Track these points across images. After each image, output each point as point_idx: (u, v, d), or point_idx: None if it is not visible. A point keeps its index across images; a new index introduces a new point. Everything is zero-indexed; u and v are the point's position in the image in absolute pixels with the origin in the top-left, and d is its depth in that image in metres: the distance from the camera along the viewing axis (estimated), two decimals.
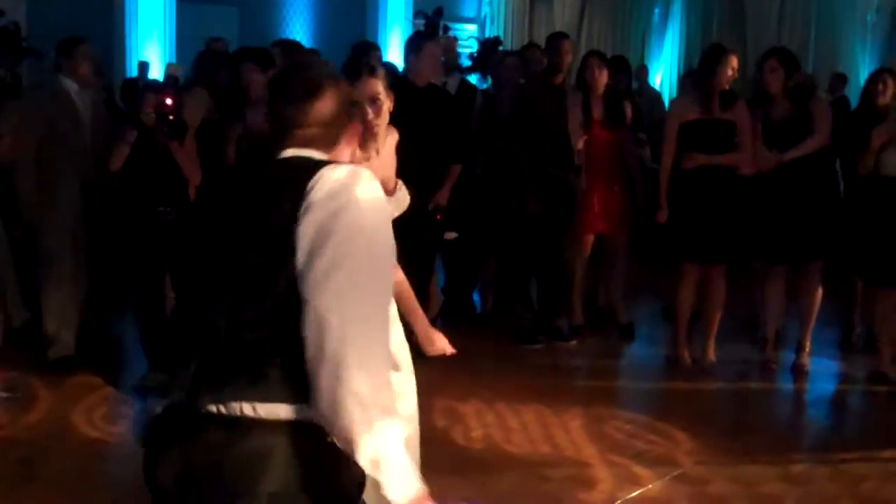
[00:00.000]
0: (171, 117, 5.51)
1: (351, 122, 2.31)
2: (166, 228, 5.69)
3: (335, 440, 2.01)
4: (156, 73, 10.81)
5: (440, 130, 6.19)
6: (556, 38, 7.43)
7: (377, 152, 3.40)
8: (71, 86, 5.87)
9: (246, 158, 2.80)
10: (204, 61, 6.83)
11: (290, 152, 2.22)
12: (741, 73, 7.09)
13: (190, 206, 5.74)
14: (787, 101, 6.25)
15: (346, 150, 2.32)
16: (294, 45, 6.63)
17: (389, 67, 7.06)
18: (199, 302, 2.17)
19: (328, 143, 2.26)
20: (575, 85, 7.16)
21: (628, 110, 7.14)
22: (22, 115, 5.84)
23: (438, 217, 6.33)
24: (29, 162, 5.78)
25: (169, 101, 5.51)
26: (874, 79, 6.77)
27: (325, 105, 2.24)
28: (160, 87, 5.92)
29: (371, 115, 3.26)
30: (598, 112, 6.96)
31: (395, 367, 3.14)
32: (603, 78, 6.96)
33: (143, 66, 11.00)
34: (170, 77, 6.38)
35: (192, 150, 5.75)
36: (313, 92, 2.24)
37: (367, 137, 3.11)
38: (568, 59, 7.23)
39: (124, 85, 9.43)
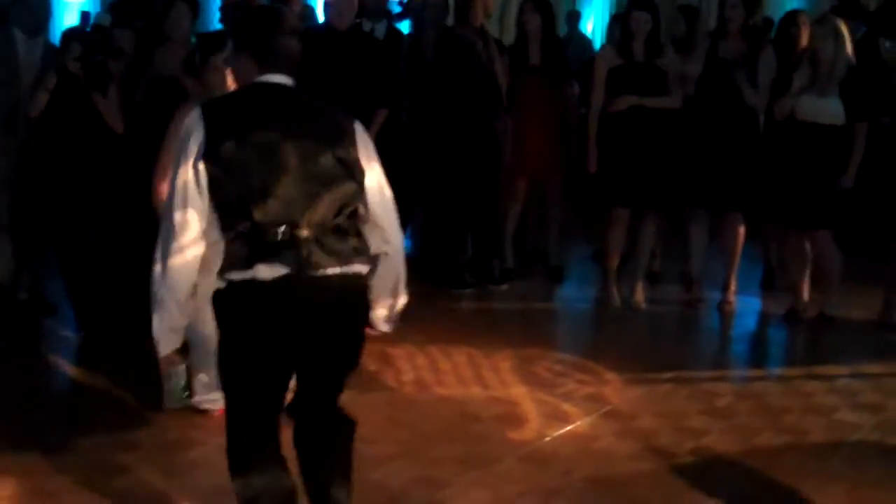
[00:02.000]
0: (94, 67, 5.45)
1: None
2: (88, 177, 5.62)
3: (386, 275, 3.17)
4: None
5: (364, 75, 6.15)
6: None
7: None
8: (18, 35, 5.71)
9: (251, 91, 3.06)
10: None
11: (280, 79, 3.05)
12: (673, 17, 7.17)
13: (110, 155, 5.67)
14: (740, 41, 6.31)
15: None
16: None
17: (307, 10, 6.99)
18: (277, 209, 2.88)
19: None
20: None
21: None
22: None
23: None
24: None
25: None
26: (794, 21, 6.81)
27: None
28: (86, 36, 5.80)
29: None
30: (534, 58, 6.97)
31: None
32: (536, 22, 6.96)
33: (86, 16, 10.73)
34: (96, 26, 6.26)
35: (116, 100, 5.67)
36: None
37: None
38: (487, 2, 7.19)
39: (63, 36, 9.21)
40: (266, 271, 2.87)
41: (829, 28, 6.12)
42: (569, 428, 4.67)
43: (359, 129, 3.09)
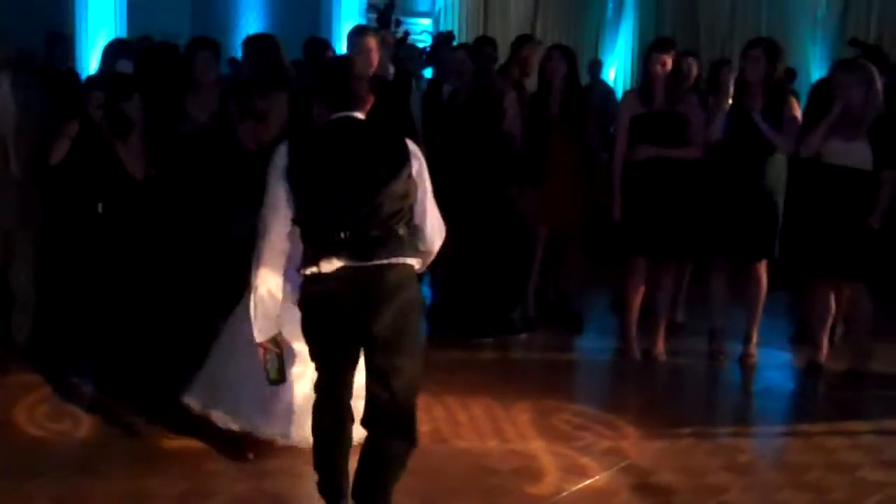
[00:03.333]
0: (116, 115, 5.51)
1: None
2: (108, 225, 5.65)
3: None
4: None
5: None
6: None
7: None
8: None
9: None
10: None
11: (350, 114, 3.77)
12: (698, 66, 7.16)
13: (130, 202, 5.69)
14: (762, 95, 6.26)
15: None
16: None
17: None
18: (336, 215, 3.61)
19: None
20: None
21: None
22: None
23: None
24: None
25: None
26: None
27: None
28: (107, 83, 5.84)
29: None
30: (555, 106, 6.97)
31: None
32: (562, 71, 6.97)
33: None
34: (119, 74, 6.30)
35: (137, 147, 5.71)
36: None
37: None
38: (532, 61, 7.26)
39: (86, 83, 9.27)
40: (327, 265, 3.61)
41: (860, 74, 6.08)
42: (587, 482, 4.61)
43: (413, 148, 3.77)
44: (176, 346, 6.02)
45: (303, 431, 4.44)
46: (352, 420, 3.91)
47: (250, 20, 13.16)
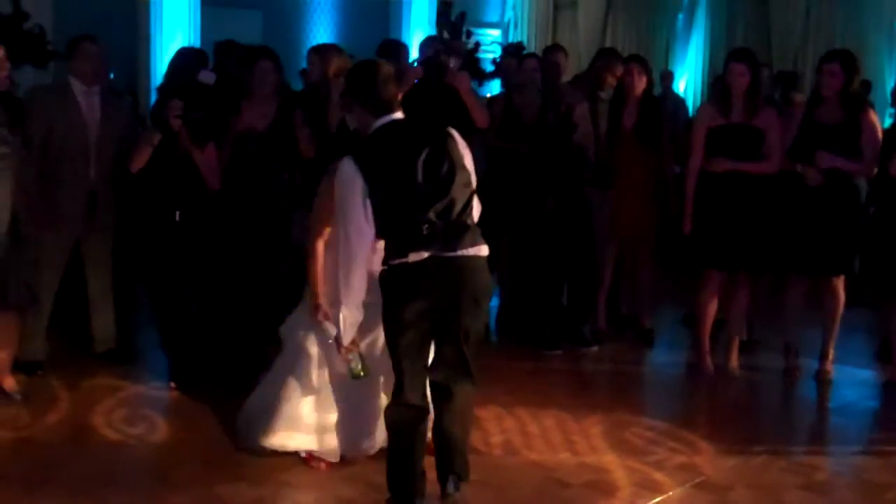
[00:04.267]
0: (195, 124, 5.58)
1: None
2: (185, 233, 5.72)
3: None
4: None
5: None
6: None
7: None
8: (77, 86, 5.84)
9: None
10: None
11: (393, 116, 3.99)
12: (768, 76, 7.06)
13: (208, 210, 5.76)
14: (839, 107, 6.16)
15: None
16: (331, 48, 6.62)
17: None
18: (413, 209, 3.85)
19: None
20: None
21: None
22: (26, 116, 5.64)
23: None
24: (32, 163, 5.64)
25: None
26: None
27: None
28: (187, 93, 5.91)
29: None
30: (630, 121, 6.93)
31: None
32: (643, 84, 6.95)
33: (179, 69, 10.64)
34: (198, 83, 6.38)
35: (213, 156, 5.77)
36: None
37: None
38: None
39: (160, 91, 9.41)
40: (415, 256, 3.83)
41: None
42: (660, 498, 4.56)
43: (454, 133, 3.99)
44: (247, 353, 6.10)
45: (331, 443, 4.64)
46: (427, 413, 4.09)
47: (321, 30, 13.27)
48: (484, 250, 3.99)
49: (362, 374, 4.16)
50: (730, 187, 6.25)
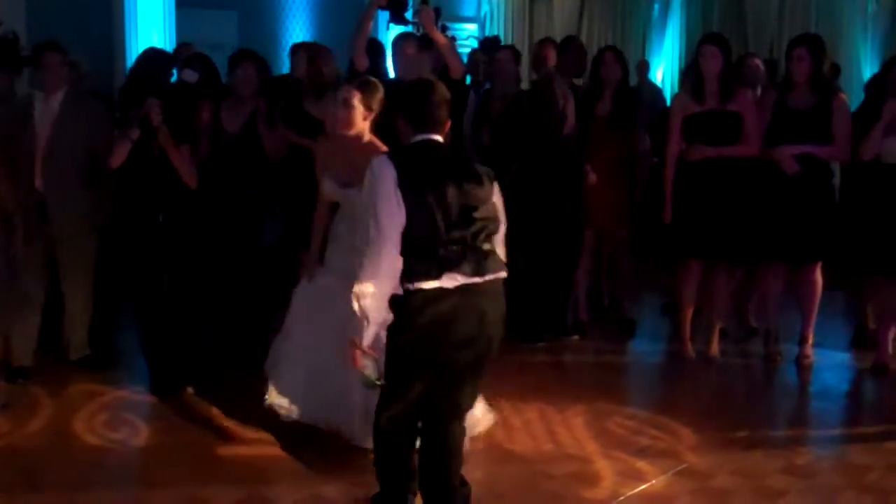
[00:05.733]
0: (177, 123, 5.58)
1: None
2: (165, 233, 5.70)
3: None
4: None
5: None
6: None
7: None
8: (38, 95, 5.78)
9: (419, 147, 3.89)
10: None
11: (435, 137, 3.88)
12: (741, 63, 7.08)
13: (188, 210, 5.74)
14: (809, 92, 6.18)
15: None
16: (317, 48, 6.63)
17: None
18: (440, 234, 3.70)
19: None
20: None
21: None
22: None
23: None
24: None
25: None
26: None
27: None
28: (168, 91, 5.88)
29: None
30: (604, 109, 6.94)
31: None
32: (617, 73, 6.96)
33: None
34: (181, 82, 6.35)
35: (188, 155, 5.76)
36: None
37: None
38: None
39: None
40: (449, 280, 3.71)
41: None
42: (644, 487, 4.58)
43: (489, 173, 3.92)
44: (230, 354, 6.10)
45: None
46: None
47: (297, 30, 13.22)
48: (504, 274, 3.94)
49: (376, 383, 3.85)
50: (707, 176, 6.27)
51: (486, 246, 3.84)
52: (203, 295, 5.97)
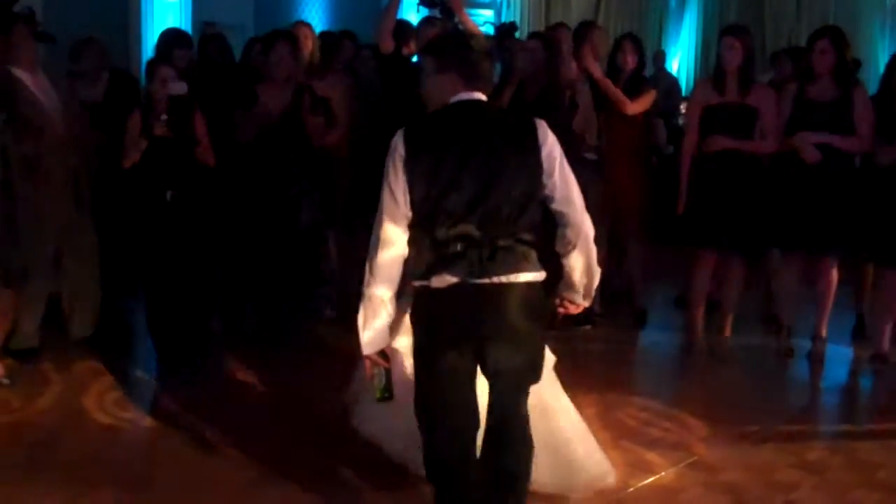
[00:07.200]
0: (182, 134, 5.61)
1: None
2: (175, 213, 5.70)
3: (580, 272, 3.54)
4: None
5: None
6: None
7: None
8: (21, 74, 5.60)
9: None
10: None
11: (477, 95, 3.35)
12: (760, 55, 7.03)
13: (199, 191, 5.74)
14: (831, 83, 6.14)
15: None
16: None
17: None
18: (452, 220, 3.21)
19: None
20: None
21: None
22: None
23: None
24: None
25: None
26: None
27: None
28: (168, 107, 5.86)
29: None
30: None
31: None
32: (634, 61, 6.93)
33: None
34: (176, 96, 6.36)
35: (204, 132, 5.75)
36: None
37: None
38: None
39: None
40: (439, 280, 3.23)
41: None
42: (653, 479, 4.56)
43: (542, 130, 3.33)
44: (239, 332, 6.12)
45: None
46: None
47: (313, 10, 13.19)
48: (531, 277, 3.33)
49: (385, 396, 3.48)
50: (724, 167, 6.22)
51: (505, 241, 3.26)
52: (216, 277, 5.99)
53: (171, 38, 6.86)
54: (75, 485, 4.29)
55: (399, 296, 3.39)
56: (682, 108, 8.28)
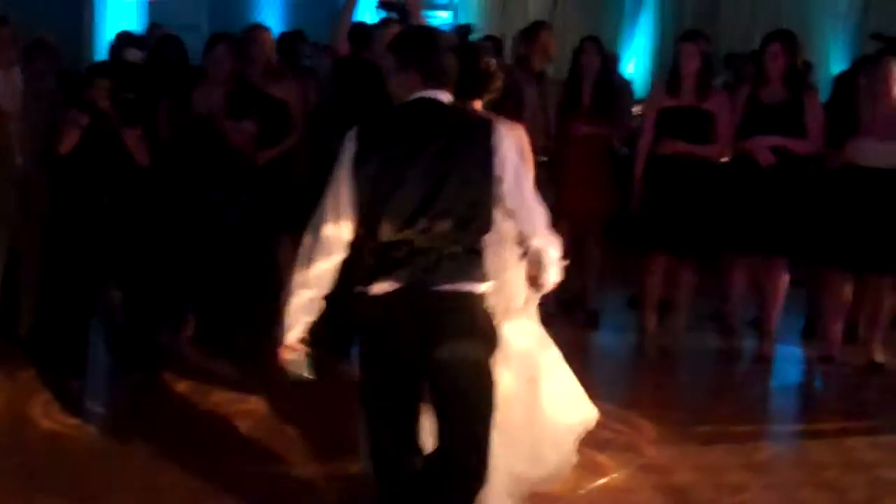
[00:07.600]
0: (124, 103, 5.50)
1: None
2: (109, 217, 5.63)
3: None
4: None
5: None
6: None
7: None
8: None
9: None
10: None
11: (439, 94, 3.20)
12: (715, 58, 7.08)
13: (136, 193, 5.67)
14: (782, 87, 6.19)
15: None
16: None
17: None
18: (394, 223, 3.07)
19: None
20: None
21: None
22: None
23: None
24: None
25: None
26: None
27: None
28: (116, 73, 5.80)
29: None
30: (586, 99, 6.92)
31: None
32: (597, 63, 6.95)
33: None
34: (126, 63, 6.27)
35: (141, 135, 5.70)
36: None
37: None
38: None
39: (89, 71, 9.30)
40: (379, 287, 3.11)
41: (886, 69, 6.02)
42: (604, 481, 4.58)
43: (499, 133, 3.17)
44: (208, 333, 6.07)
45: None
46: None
47: (268, 14, 13.14)
48: (475, 287, 3.17)
49: (308, 376, 3.30)
50: (677, 169, 6.27)
51: (451, 249, 3.11)
52: (160, 276, 5.93)
53: (122, 39, 6.82)
54: (23, 492, 4.25)
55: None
56: (637, 109, 8.29)
